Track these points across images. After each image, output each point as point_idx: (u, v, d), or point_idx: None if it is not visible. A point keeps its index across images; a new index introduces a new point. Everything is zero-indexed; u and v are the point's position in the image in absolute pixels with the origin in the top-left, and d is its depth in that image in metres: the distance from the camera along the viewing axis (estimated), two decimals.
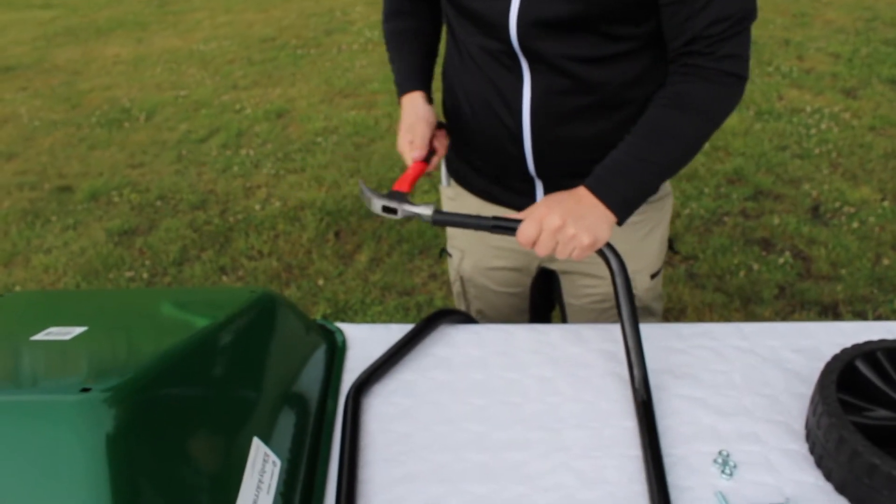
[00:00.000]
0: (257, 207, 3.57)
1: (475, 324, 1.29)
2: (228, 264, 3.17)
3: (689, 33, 1.07)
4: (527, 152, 1.24)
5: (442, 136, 1.32)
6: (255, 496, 0.84)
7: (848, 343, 1.05)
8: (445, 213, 1.12)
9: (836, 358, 1.02)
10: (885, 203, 3.30)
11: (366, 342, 1.22)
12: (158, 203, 3.70)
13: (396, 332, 1.22)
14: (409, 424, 1.07)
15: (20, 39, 6.76)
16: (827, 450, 0.94)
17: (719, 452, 1.00)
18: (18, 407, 0.75)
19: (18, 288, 3.15)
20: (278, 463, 0.91)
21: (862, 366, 1.03)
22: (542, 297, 1.61)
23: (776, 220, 3.20)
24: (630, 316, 1.09)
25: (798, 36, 5.32)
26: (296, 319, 1.12)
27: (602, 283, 1.41)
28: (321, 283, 2.99)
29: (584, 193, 1.09)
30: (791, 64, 4.85)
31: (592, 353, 1.18)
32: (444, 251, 1.59)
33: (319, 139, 4.25)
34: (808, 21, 5.64)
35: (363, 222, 3.37)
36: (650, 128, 1.10)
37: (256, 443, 0.88)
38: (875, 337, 1.06)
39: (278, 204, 3.58)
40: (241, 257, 3.20)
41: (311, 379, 1.09)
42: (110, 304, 1.11)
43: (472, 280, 1.53)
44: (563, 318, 1.56)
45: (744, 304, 2.74)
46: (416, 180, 1.22)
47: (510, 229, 1.09)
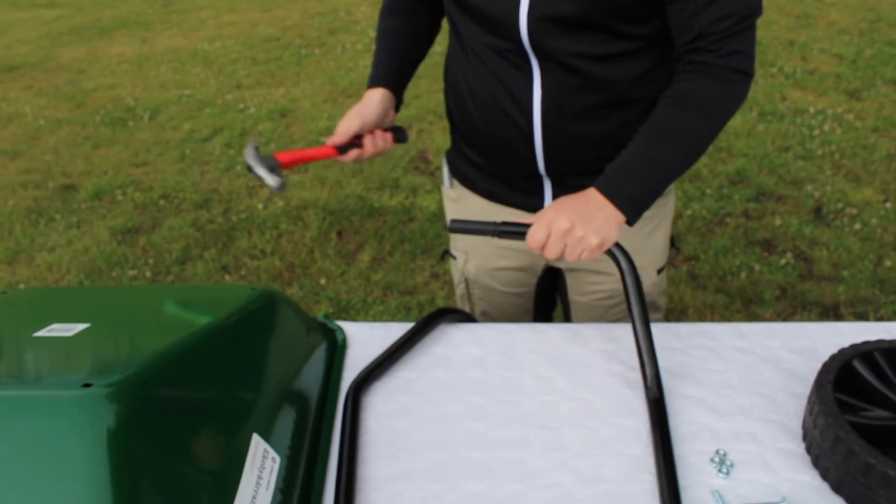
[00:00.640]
0: (260, 207, 3.58)
1: (474, 323, 1.29)
2: (231, 263, 3.18)
3: (694, 30, 1.08)
4: (537, 151, 1.25)
5: (379, 138, 1.34)
6: (255, 492, 0.85)
7: (846, 343, 1.05)
8: (458, 222, 1.13)
9: (833, 358, 1.03)
10: (888, 204, 3.30)
11: (366, 341, 1.22)
12: (162, 202, 3.72)
13: (396, 331, 1.22)
14: (407, 422, 1.07)
15: (25, 38, 6.78)
16: (823, 449, 0.95)
17: (716, 452, 1.01)
18: (21, 402, 0.75)
19: (22, 286, 3.17)
20: (278, 459, 0.92)
21: (859, 366, 1.03)
22: (546, 295, 1.62)
23: (778, 221, 3.20)
24: (641, 315, 1.09)
25: (802, 37, 5.32)
26: (296, 317, 1.13)
27: (609, 280, 1.42)
28: (323, 282, 3.00)
29: (592, 194, 1.10)
30: (794, 65, 4.85)
31: (591, 353, 1.19)
32: (447, 253, 1.59)
33: (323, 139, 4.23)
34: (812, 22, 5.63)
35: (365, 222, 3.38)
36: (658, 127, 1.11)
37: (256, 439, 0.89)
38: (873, 337, 1.06)
39: (281, 203, 3.59)
40: (243, 256, 3.21)
41: (311, 376, 1.10)
42: (112, 300, 1.12)
43: (477, 281, 1.53)
44: (566, 316, 1.57)
45: (745, 305, 2.75)
46: (309, 160, 1.32)
47: (520, 234, 1.10)
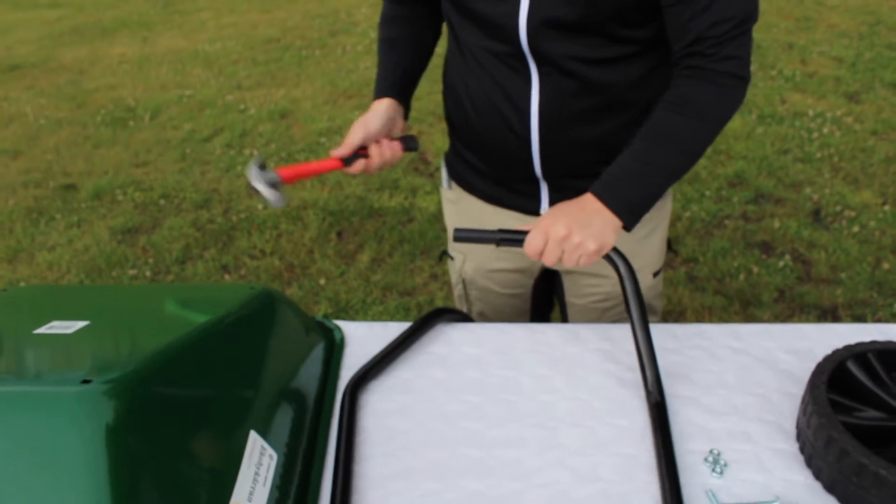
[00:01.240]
0: (260, 207, 3.59)
1: (472, 322, 1.30)
2: (231, 263, 3.18)
3: (692, 34, 1.08)
4: (534, 154, 1.25)
5: (386, 148, 1.31)
6: (252, 488, 0.86)
7: (841, 345, 1.06)
8: (462, 231, 1.14)
9: (827, 359, 1.04)
10: (886, 207, 3.31)
11: (364, 340, 1.23)
12: (162, 202, 3.72)
13: (394, 331, 1.23)
14: (405, 421, 1.08)
15: (26, 39, 6.79)
16: (816, 449, 0.95)
17: (710, 451, 1.01)
18: (20, 398, 0.76)
19: (23, 284, 3.17)
20: (275, 456, 0.93)
21: (853, 367, 1.04)
22: (543, 297, 1.62)
23: (777, 224, 3.21)
24: (640, 319, 1.10)
25: (801, 40, 5.33)
26: (294, 316, 1.14)
27: (605, 283, 1.42)
28: (323, 282, 3.01)
29: (589, 200, 1.10)
30: (794, 68, 4.86)
31: (589, 353, 1.19)
32: (444, 253, 1.60)
33: (323, 140, 4.27)
34: (812, 25, 5.64)
35: (365, 223, 3.39)
36: (655, 132, 1.11)
37: (253, 436, 0.90)
38: (869, 339, 1.07)
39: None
40: (243, 256, 3.22)
41: (308, 375, 1.11)
42: (112, 299, 1.13)
43: (474, 282, 1.54)
44: (564, 318, 1.58)
45: (743, 307, 2.75)
46: (313, 174, 1.33)
47: (518, 241, 1.11)
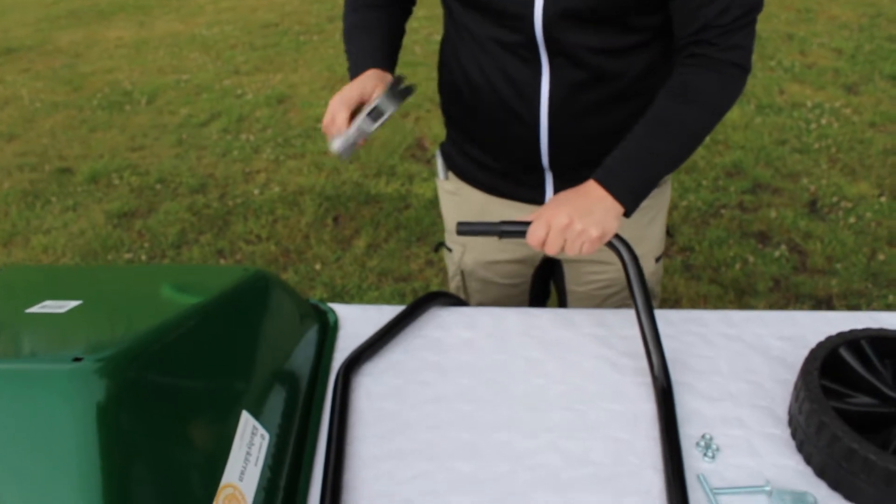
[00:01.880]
0: (256, 192, 3.58)
1: (466, 306, 1.30)
2: (227, 248, 3.18)
3: (699, 21, 1.08)
4: (542, 145, 1.24)
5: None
6: (244, 467, 0.86)
7: (834, 332, 1.06)
8: (465, 224, 1.14)
9: (820, 345, 1.04)
10: (883, 199, 3.31)
11: (357, 322, 1.23)
12: (158, 186, 3.71)
13: (388, 314, 1.23)
14: (397, 403, 1.08)
15: (23, 21, 6.75)
16: (808, 434, 0.96)
17: (702, 436, 1.02)
18: (11, 376, 0.76)
19: None
20: (267, 436, 0.93)
21: (846, 353, 1.04)
22: (541, 286, 1.62)
23: (773, 214, 3.21)
24: (645, 304, 1.10)
25: (801, 31, 5.32)
26: (288, 298, 1.14)
27: (608, 269, 1.42)
28: (318, 267, 3.01)
29: (591, 187, 1.10)
30: (793, 59, 4.85)
31: (581, 337, 1.19)
32: (441, 245, 1.57)
33: (320, 125, 4.25)
34: (813, 16, 5.62)
35: (362, 208, 3.38)
36: (657, 119, 1.11)
37: (245, 416, 0.90)
38: (861, 327, 1.07)
39: (277, 189, 3.59)
40: (239, 241, 3.21)
41: (302, 357, 1.11)
42: (105, 279, 1.12)
43: (473, 274, 1.52)
44: (562, 306, 1.57)
45: (738, 296, 2.76)
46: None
47: (520, 233, 1.11)
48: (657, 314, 1.24)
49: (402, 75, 1.16)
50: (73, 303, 0.96)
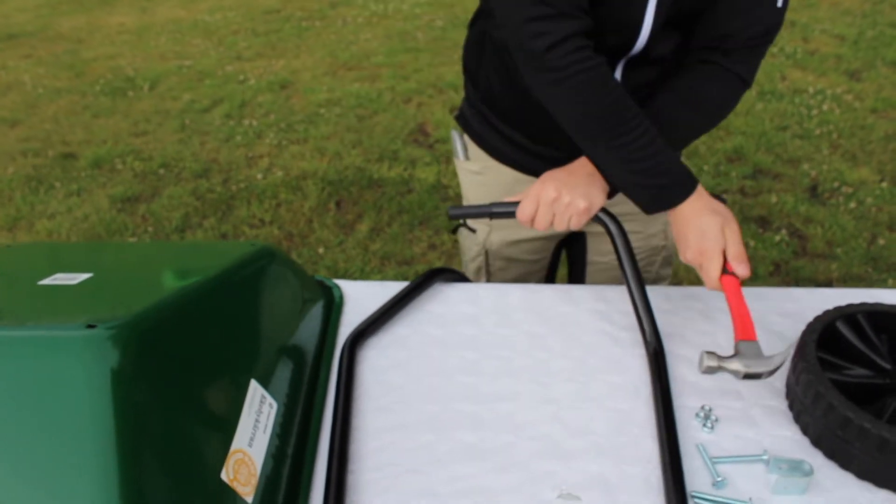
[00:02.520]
0: (259, 176, 3.59)
1: (469, 283, 1.32)
2: (230, 232, 3.20)
3: (721, 30, 1.11)
4: None
5: None
6: (252, 434, 0.88)
7: (832, 307, 1.08)
8: (456, 208, 1.16)
9: (817, 319, 1.06)
10: (884, 184, 3.32)
11: (362, 298, 1.25)
12: (161, 171, 3.73)
13: (392, 290, 1.25)
14: (402, 376, 1.10)
15: (24, 6, 6.74)
16: (805, 405, 0.98)
17: (701, 407, 1.04)
18: (26, 342, 0.78)
19: None
20: (275, 405, 0.95)
21: (842, 327, 1.06)
22: (555, 260, 1.64)
23: (774, 199, 3.22)
24: (634, 275, 1.13)
25: (804, 17, 5.31)
26: (294, 273, 1.16)
27: (635, 238, 1.40)
28: (322, 251, 3.02)
29: (581, 163, 1.13)
30: (796, 45, 4.85)
31: (583, 313, 1.21)
32: (462, 226, 1.54)
33: (322, 110, 4.27)
34: (815, 2, 5.62)
35: (364, 192, 3.40)
36: (657, 112, 1.13)
37: (254, 384, 0.92)
38: (858, 302, 1.09)
39: (280, 173, 3.61)
40: (242, 225, 3.23)
41: (308, 331, 1.13)
42: (114, 254, 1.14)
43: (498, 253, 1.51)
44: (579, 279, 1.58)
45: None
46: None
47: (510, 213, 1.13)
48: (657, 290, 1.26)
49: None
50: (84, 275, 0.98)
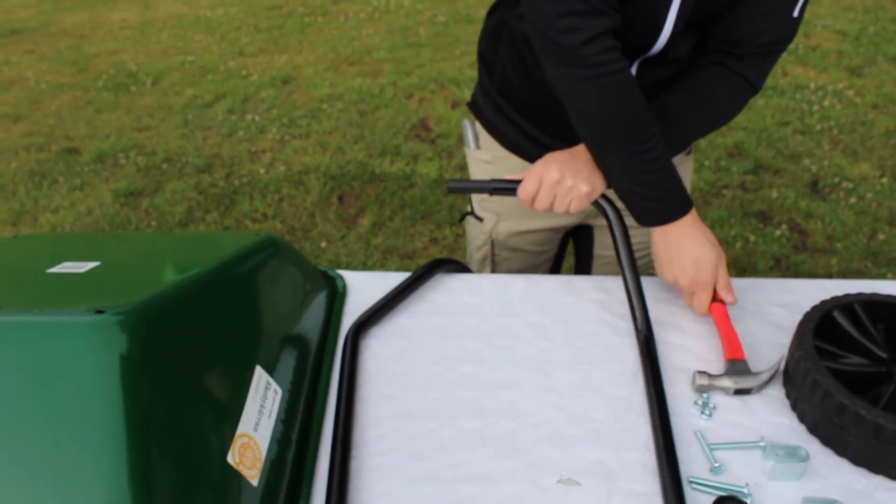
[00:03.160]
0: (262, 171, 3.61)
1: (471, 273, 1.33)
2: (233, 226, 3.21)
3: (735, 34, 1.12)
4: None
5: None
6: (258, 419, 0.89)
7: (829, 298, 1.09)
8: (456, 182, 1.17)
9: (815, 308, 1.07)
10: (884, 180, 3.33)
11: (365, 288, 1.26)
12: (164, 165, 3.74)
13: (395, 280, 1.26)
14: (404, 364, 1.11)
15: (27, 2, 6.76)
16: (801, 393, 0.99)
17: (700, 395, 1.05)
18: (36, 328, 0.79)
19: None
20: (279, 391, 0.96)
21: (839, 316, 1.07)
22: (561, 252, 1.65)
23: (774, 194, 3.24)
24: (629, 262, 1.15)
25: (806, 13, 5.31)
26: (298, 262, 1.17)
27: (638, 233, 1.42)
28: (324, 245, 3.04)
29: (582, 149, 1.14)
30: (797, 41, 4.85)
31: (584, 302, 1.23)
32: (469, 214, 1.54)
33: (325, 106, 4.28)
34: None
35: (366, 187, 3.41)
36: (665, 109, 1.15)
37: (259, 371, 0.93)
38: (855, 292, 1.10)
39: (283, 168, 3.62)
40: (245, 219, 3.24)
41: (311, 320, 1.14)
42: (121, 244, 1.16)
43: (504, 243, 1.51)
44: (586, 272, 1.59)
45: (739, 274, 2.79)
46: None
47: (511, 189, 1.14)
48: (655, 281, 1.27)
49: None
50: (92, 264, 1.00)
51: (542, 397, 1.05)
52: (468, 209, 1.55)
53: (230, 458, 0.82)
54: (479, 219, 1.51)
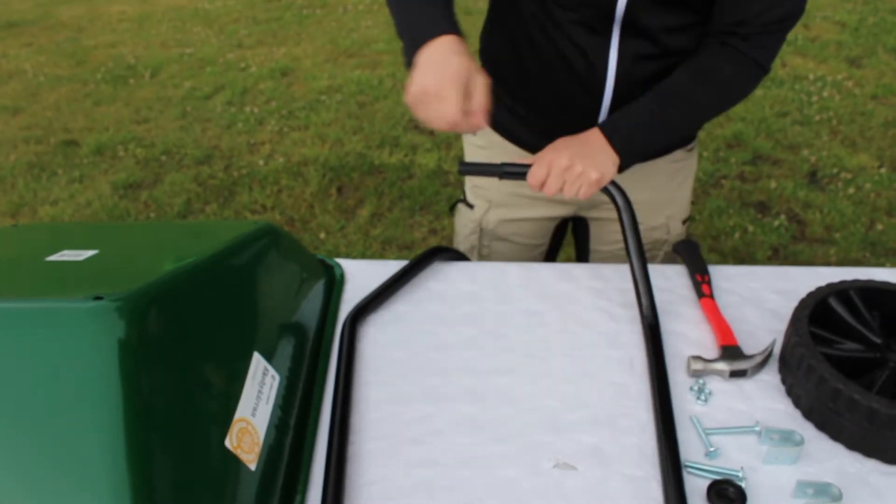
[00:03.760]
0: (261, 163, 3.61)
1: (468, 261, 1.34)
2: (232, 217, 3.22)
3: (739, 15, 1.11)
4: (603, 112, 1.25)
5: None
6: (255, 404, 0.90)
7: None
8: (466, 164, 1.17)
9: (810, 294, 1.08)
10: (883, 170, 3.34)
11: (363, 276, 1.27)
12: (163, 157, 3.74)
13: (393, 268, 1.26)
14: (402, 351, 1.12)
15: None
16: (797, 378, 1.00)
17: (696, 381, 1.06)
18: (35, 315, 0.80)
19: None
20: (277, 377, 0.97)
21: (835, 303, 1.08)
22: (556, 248, 1.64)
23: (773, 185, 3.24)
24: (637, 249, 1.15)
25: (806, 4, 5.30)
26: (296, 250, 1.17)
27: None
28: (323, 236, 3.05)
29: (594, 134, 1.14)
30: (796, 32, 4.84)
31: (580, 290, 1.23)
32: (460, 202, 1.55)
33: (323, 97, 4.28)
34: None
35: (365, 178, 3.42)
36: (673, 92, 1.15)
37: (257, 357, 0.94)
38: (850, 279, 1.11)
39: (282, 160, 3.62)
40: (244, 210, 3.25)
41: (309, 307, 1.15)
42: (119, 233, 1.16)
43: (493, 232, 1.50)
44: None
45: (737, 263, 2.78)
46: None
47: (521, 174, 1.14)
48: (655, 269, 1.28)
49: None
50: (90, 252, 1.00)
51: (538, 383, 1.06)
52: (461, 197, 1.55)
53: (228, 443, 0.83)
54: (470, 206, 1.50)
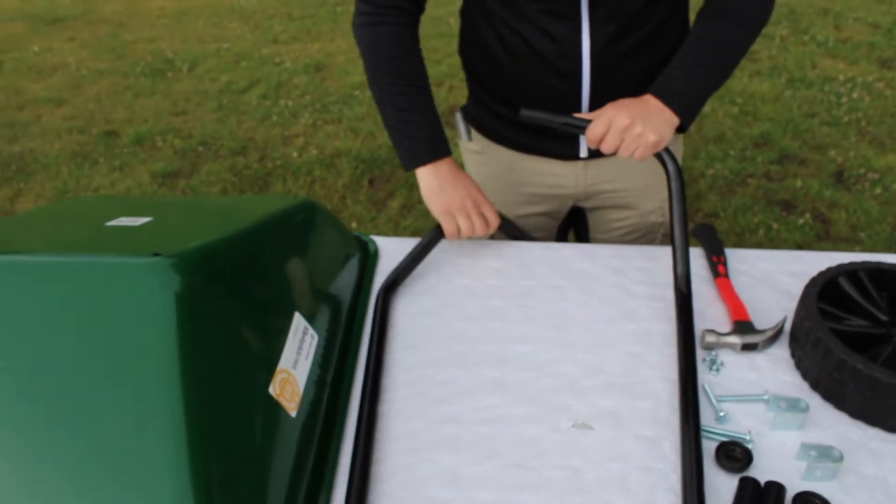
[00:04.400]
0: (295, 154, 3.70)
1: (494, 240, 1.40)
2: None
3: None
4: (583, 97, 1.28)
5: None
6: (296, 359, 0.97)
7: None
8: (528, 112, 1.21)
9: (821, 273, 1.13)
10: None
11: (396, 253, 1.33)
12: (200, 148, 3.85)
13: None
14: (431, 319, 1.19)
15: None
16: (805, 351, 1.05)
17: (708, 353, 1.11)
18: (99, 268, 0.88)
19: None
20: (316, 337, 1.04)
21: (844, 283, 1.13)
22: (560, 239, 1.69)
23: (799, 184, 3.26)
24: (681, 217, 1.19)
25: (837, 5, 5.29)
26: (333, 224, 1.25)
27: (632, 215, 1.49)
28: (354, 225, 3.13)
29: (650, 99, 1.18)
30: (828, 33, 4.84)
31: (600, 268, 1.29)
32: None
33: (356, 92, 4.36)
34: None
35: (396, 171, 3.49)
36: (701, 38, 1.19)
37: (297, 316, 1.01)
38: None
39: (315, 152, 3.72)
40: None
41: (346, 277, 1.22)
42: (171, 204, 1.24)
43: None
44: None
45: None
46: None
47: (580, 128, 1.18)
48: (668, 250, 1.33)
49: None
50: (146, 219, 1.09)
51: (559, 351, 1.13)
52: None
53: (272, 390, 0.91)
54: None
